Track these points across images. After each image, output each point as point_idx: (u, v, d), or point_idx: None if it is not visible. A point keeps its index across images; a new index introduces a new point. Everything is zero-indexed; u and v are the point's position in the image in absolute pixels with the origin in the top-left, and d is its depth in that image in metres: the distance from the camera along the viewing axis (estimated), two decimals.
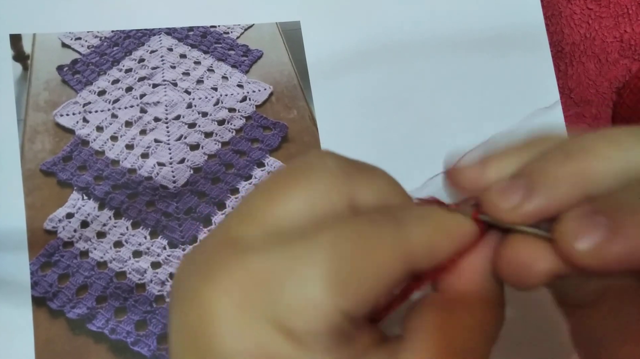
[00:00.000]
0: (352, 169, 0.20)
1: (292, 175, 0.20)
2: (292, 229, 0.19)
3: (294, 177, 0.19)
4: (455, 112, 0.44)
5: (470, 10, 0.46)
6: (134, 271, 0.37)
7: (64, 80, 0.40)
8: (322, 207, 0.19)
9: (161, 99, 0.41)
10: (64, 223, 0.37)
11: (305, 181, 0.19)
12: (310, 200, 0.19)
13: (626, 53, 0.48)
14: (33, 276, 0.36)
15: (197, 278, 0.18)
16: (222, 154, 0.41)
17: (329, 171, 0.20)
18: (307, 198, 0.19)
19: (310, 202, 0.19)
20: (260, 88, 0.43)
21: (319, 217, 0.19)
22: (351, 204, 0.20)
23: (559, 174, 0.20)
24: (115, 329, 0.36)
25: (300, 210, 0.19)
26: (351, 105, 0.43)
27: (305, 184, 0.19)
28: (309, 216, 0.19)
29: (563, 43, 0.48)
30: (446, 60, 0.45)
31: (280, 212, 0.19)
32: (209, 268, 0.18)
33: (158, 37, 0.42)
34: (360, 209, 0.20)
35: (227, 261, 0.18)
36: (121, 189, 0.39)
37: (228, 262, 0.18)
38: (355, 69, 0.44)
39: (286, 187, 0.19)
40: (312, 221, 0.19)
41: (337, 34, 0.44)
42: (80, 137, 0.39)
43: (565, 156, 0.20)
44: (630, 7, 0.48)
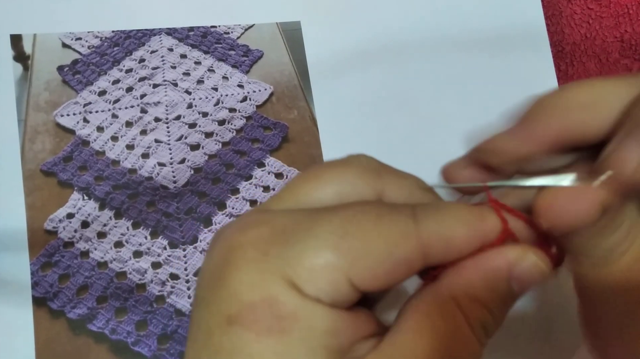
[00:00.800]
0: (384, 169, 0.22)
1: (328, 165, 0.22)
2: (319, 206, 0.20)
3: (329, 167, 0.21)
4: (455, 112, 0.44)
5: (470, 10, 0.46)
6: (134, 271, 0.37)
7: (65, 80, 0.40)
8: (350, 195, 0.21)
9: (162, 99, 0.41)
10: (64, 223, 0.38)
11: (338, 171, 0.21)
12: (339, 187, 0.21)
13: (627, 53, 0.48)
14: (33, 276, 0.36)
15: (230, 229, 0.20)
16: (222, 154, 0.41)
17: (361, 165, 0.21)
18: (337, 185, 0.21)
19: (339, 189, 0.21)
20: (260, 88, 0.43)
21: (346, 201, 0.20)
22: (379, 199, 0.21)
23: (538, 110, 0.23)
24: (115, 329, 0.36)
25: (329, 194, 0.21)
26: (351, 105, 0.43)
27: (337, 173, 0.21)
28: (337, 201, 0.20)
29: (563, 43, 0.48)
30: (446, 60, 0.45)
31: (311, 192, 0.21)
32: (241, 222, 0.20)
33: (158, 37, 0.43)
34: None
35: (257, 217, 0.20)
36: (122, 190, 0.39)
37: (257, 218, 0.20)
38: (355, 69, 0.44)
39: (320, 173, 0.21)
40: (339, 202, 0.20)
41: (337, 34, 0.44)
42: (80, 138, 0.39)
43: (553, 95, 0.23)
44: (630, 7, 0.48)
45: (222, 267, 0.19)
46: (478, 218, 0.21)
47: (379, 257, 0.19)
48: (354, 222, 0.19)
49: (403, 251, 0.19)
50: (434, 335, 0.19)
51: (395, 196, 0.22)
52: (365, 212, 0.19)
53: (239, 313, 0.18)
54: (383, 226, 0.19)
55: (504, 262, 0.21)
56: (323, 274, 0.18)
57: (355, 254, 0.19)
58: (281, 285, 0.18)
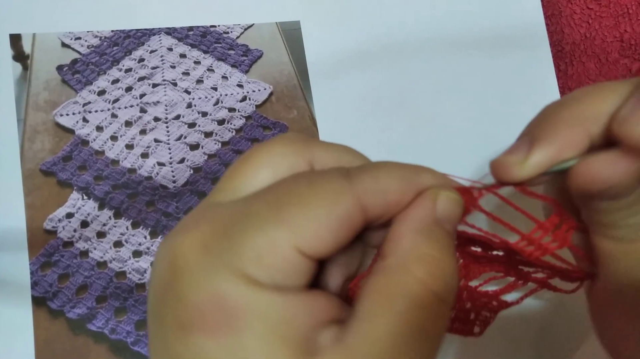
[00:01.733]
0: (312, 140, 0.22)
1: (258, 145, 0.22)
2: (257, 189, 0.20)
3: (259, 146, 0.21)
4: (455, 112, 0.44)
5: (470, 10, 0.46)
6: (134, 271, 0.37)
7: (64, 80, 0.40)
8: (283, 169, 0.21)
9: (161, 99, 0.41)
10: (63, 223, 0.37)
11: (267, 148, 0.21)
12: (272, 165, 0.21)
13: (626, 53, 0.48)
14: (33, 276, 0.36)
15: (170, 235, 0.20)
16: (222, 153, 0.41)
17: (287, 139, 0.22)
18: (269, 163, 0.21)
19: (272, 167, 0.21)
20: (260, 88, 0.43)
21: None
22: (312, 168, 0.21)
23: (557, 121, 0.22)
24: (115, 329, 0.36)
25: (264, 174, 0.21)
26: (351, 105, 0.43)
27: (267, 151, 0.21)
28: (272, 179, 0.21)
29: (563, 43, 0.48)
30: (446, 60, 0.45)
31: (246, 176, 0.21)
32: (180, 225, 0.20)
33: (158, 36, 0.42)
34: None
35: (195, 216, 0.20)
36: (121, 189, 0.39)
37: (195, 218, 0.20)
38: (355, 69, 0.44)
39: (252, 155, 0.21)
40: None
41: (337, 34, 0.44)
42: (80, 137, 0.39)
43: (560, 105, 0.22)
44: (630, 7, 0.48)
45: (168, 275, 0.19)
46: (413, 172, 0.21)
47: (320, 218, 0.19)
48: (287, 192, 0.19)
49: (342, 207, 0.19)
50: (395, 313, 0.19)
51: (325, 162, 0.22)
52: (297, 181, 0.20)
53: (189, 318, 0.18)
54: (317, 189, 0.19)
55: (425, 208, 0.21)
56: (270, 252, 0.18)
57: (296, 221, 0.18)
58: (226, 279, 0.18)
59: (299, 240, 0.18)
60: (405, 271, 0.19)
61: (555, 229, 0.22)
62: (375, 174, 0.20)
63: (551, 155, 0.22)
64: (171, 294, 0.18)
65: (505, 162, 0.22)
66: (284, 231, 0.18)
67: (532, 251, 0.22)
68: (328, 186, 0.19)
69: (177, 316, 0.18)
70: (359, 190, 0.20)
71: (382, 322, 0.18)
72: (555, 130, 0.22)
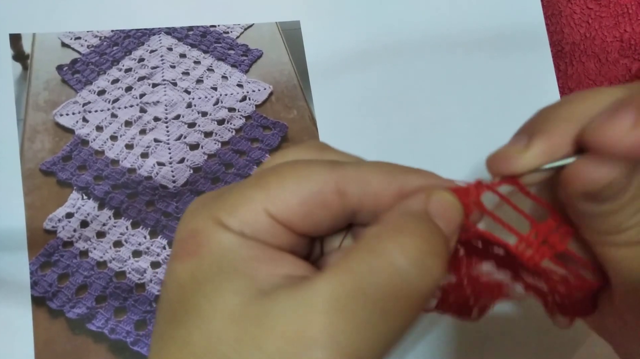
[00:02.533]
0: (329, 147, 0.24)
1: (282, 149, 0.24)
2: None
3: (279, 151, 0.24)
4: (455, 112, 0.44)
5: (470, 10, 0.46)
6: (133, 271, 0.37)
7: (64, 79, 0.40)
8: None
9: (161, 99, 0.41)
10: (63, 223, 0.37)
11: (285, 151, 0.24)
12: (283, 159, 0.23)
13: (626, 53, 0.48)
14: (33, 276, 0.36)
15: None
16: (221, 153, 0.41)
17: (305, 144, 0.24)
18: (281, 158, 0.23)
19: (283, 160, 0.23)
20: (260, 88, 0.43)
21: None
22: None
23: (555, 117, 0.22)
24: (114, 329, 0.36)
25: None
26: (351, 105, 0.43)
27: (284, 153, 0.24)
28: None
29: (563, 43, 0.48)
30: (446, 60, 0.45)
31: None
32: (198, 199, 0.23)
33: (158, 36, 0.42)
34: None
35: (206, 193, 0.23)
36: (121, 189, 0.39)
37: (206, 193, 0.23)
38: (355, 69, 0.44)
39: (273, 157, 0.24)
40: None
41: (337, 34, 0.44)
42: (80, 137, 0.39)
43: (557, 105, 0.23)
44: (630, 7, 0.48)
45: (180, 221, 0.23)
46: (399, 169, 0.22)
47: (293, 189, 0.21)
48: (274, 169, 0.22)
49: (315, 184, 0.21)
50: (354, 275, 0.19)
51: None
52: (285, 163, 0.22)
53: (175, 250, 0.21)
54: (299, 168, 0.21)
55: (420, 197, 0.21)
56: (243, 207, 0.21)
57: (271, 188, 0.21)
58: (205, 221, 0.21)
59: (269, 203, 0.21)
60: (377, 242, 0.20)
61: (552, 232, 0.22)
62: (359, 166, 0.22)
63: (550, 146, 0.22)
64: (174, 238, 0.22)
65: (504, 153, 0.22)
66: (258, 193, 0.21)
67: (531, 254, 0.22)
68: (309, 168, 0.21)
69: (171, 254, 0.22)
70: (338, 176, 0.21)
71: (339, 283, 0.19)
72: (553, 124, 0.22)
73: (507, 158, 0.22)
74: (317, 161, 0.22)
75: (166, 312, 0.21)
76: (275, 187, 0.21)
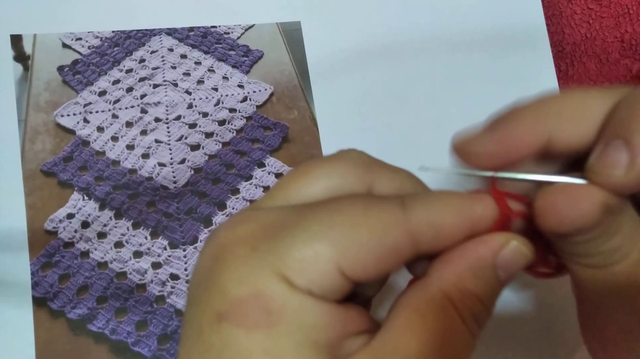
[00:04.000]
0: (375, 163, 0.22)
1: (319, 160, 0.22)
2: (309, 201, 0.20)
3: (319, 162, 0.22)
4: (455, 112, 0.44)
5: (470, 10, 0.46)
6: (134, 272, 0.37)
7: (65, 80, 0.40)
8: (340, 190, 0.21)
9: (162, 100, 0.41)
10: (64, 224, 0.38)
11: (328, 165, 0.21)
12: (329, 182, 0.21)
13: (627, 53, 0.48)
14: (34, 277, 0.36)
15: (220, 228, 0.20)
16: (222, 154, 0.41)
17: (351, 159, 0.21)
18: (326, 180, 0.21)
19: (329, 184, 0.21)
20: (260, 88, 0.43)
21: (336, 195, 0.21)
22: (369, 192, 0.21)
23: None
24: (115, 329, 0.36)
25: (319, 189, 0.21)
26: (351, 105, 0.43)
27: (327, 168, 0.21)
28: (327, 195, 0.21)
29: (564, 43, 0.48)
30: (446, 60, 0.45)
31: (301, 188, 0.21)
32: (231, 220, 0.21)
33: (159, 37, 0.43)
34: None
35: (247, 215, 0.20)
36: (122, 190, 0.39)
37: (247, 216, 0.20)
38: (355, 69, 0.44)
39: (310, 169, 0.21)
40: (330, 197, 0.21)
41: (337, 34, 0.44)
42: (80, 138, 0.39)
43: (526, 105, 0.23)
44: (631, 7, 0.48)
45: (213, 265, 0.19)
46: (468, 205, 0.21)
47: (368, 245, 0.19)
48: (342, 212, 0.19)
49: (392, 239, 0.19)
50: (427, 332, 0.19)
51: (385, 189, 0.22)
52: (353, 203, 0.20)
53: (228, 309, 0.18)
54: (371, 215, 0.19)
55: (488, 250, 0.21)
56: (313, 265, 0.19)
57: (344, 243, 0.19)
58: (270, 279, 0.18)
59: (343, 262, 0.19)
60: (446, 300, 0.20)
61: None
62: (429, 206, 0.20)
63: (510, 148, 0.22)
64: (212, 284, 0.19)
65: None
66: (331, 250, 0.19)
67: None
68: (382, 215, 0.19)
69: (216, 306, 0.19)
70: (412, 221, 0.20)
71: (410, 336, 0.19)
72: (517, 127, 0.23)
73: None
74: (386, 201, 0.20)
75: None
76: (350, 242, 0.19)
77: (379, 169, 0.22)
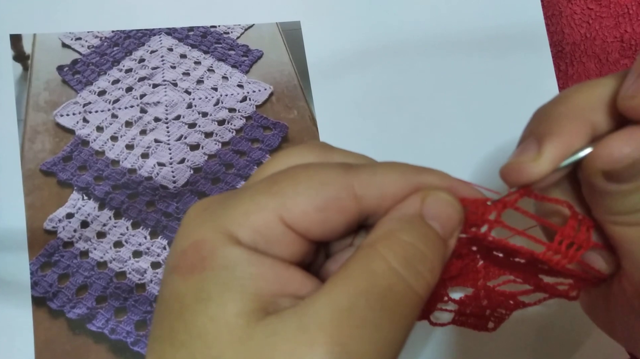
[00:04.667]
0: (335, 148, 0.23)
1: (283, 150, 0.23)
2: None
3: (285, 150, 0.23)
4: (455, 112, 0.44)
5: (470, 10, 0.46)
6: (134, 271, 0.37)
7: (64, 80, 0.40)
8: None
9: (161, 99, 0.41)
10: (64, 223, 0.38)
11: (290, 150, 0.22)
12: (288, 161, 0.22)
13: (627, 53, 0.48)
14: (33, 276, 0.36)
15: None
16: (222, 154, 0.41)
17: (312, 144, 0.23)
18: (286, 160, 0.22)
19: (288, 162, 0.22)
20: (260, 88, 0.43)
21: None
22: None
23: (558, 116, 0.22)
24: (115, 329, 0.36)
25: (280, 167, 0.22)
26: (351, 105, 0.43)
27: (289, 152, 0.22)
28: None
29: (563, 43, 0.48)
30: (446, 60, 0.45)
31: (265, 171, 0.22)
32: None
33: (158, 37, 0.42)
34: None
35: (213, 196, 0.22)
36: (121, 189, 0.39)
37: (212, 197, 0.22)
38: (355, 69, 0.44)
39: (276, 156, 0.23)
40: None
41: (337, 34, 0.44)
42: (80, 137, 0.39)
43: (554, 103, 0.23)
44: (630, 7, 0.48)
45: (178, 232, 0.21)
46: (414, 171, 0.21)
47: (307, 193, 0.20)
48: (285, 173, 0.20)
49: (332, 189, 0.20)
50: (355, 285, 0.19)
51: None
52: (297, 167, 0.21)
53: (175, 261, 0.20)
54: (312, 172, 0.20)
55: (413, 200, 0.21)
56: (256, 216, 0.20)
57: (284, 194, 0.20)
58: (211, 230, 0.20)
59: (284, 211, 0.20)
60: (371, 249, 0.20)
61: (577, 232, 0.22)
62: (374, 169, 0.21)
63: (563, 146, 0.22)
64: (172, 244, 0.21)
65: (517, 164, 0.22)
66: (271, 200, 0.20)
67: (559, 259, 0.22)
68: (323, 172, 0.20)
69: (170, 262, 0.20)
70: (354, 180, 0.20)
71: (340, 291, 0.19)
72: (559, 123, 0.22)
73: (521, 169, 0.22)
74: (330, 164, 0.21)
75: (164, 328, 0.19)
76: (290, 193, 0.20)
77: (335, 151, 0.23)
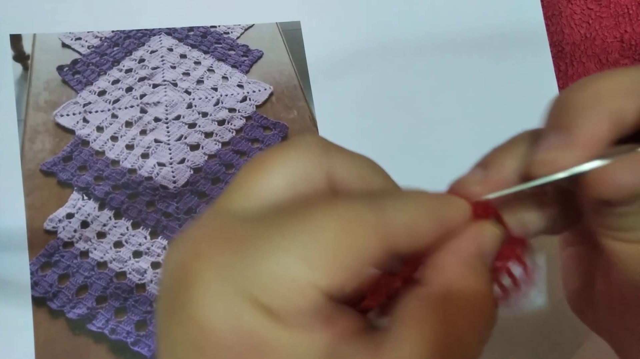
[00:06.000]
0: (332, 147, 0.21)
1: (273, 150, 0.20)
2: (274, 202, 0.19)
3: (275, 152, 0.20)
4: (455, 112, 0.44)
5: (470, 10, 0.46)
6: (134, 271, 0.37)
7: (64, 80, 0.40)
8: (300, 181, 0.20)
9: (161, 99, 0.41)
10: (64, 223, 0.38)
11: (284, 155, 0.20)
12: (288, 174, 0.20)
13: (627, 53, 0.48)
14: (33, 276, 0.36)
15: (182, 240, 0.19)
16: (222, 154, 0.41)
17: (307, 146, 0.20)
18: (285, 172, 0.20)
19: (288, 176, 0.20)
20: (260, 88, 0.43)
21: (298, 191, 0.20)
22: (330, 180, 0.20)
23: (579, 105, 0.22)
24: (115, 329, 0.36)
25: (279, 183, 0.20)
26: (351, 105, 0.43)
27: (283, 158, 0.20)
28: (289, 188, 0.20)
29: (563, 43, 0.48)
30: (446, 60, 0.45)
31: (260, 184, 0.20)
32: (193, 234, 0.19)
33: (158, 37, 0.42)
34: (339, 189, 0.20)
35: (208, 226, 0.19)
36: (121, 189, 0.39)
37: (209, 228, 0.19)
38: (355, 69, 0.44)
39: (266, 161, 0.20)
40: (292, 194, 0.19)
41: (337, 34, 0.44)
42: (80, 138, 0.39)
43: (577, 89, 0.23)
44: (630, 7, 0.48)
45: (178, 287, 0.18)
46: (440, 204, 0.21)
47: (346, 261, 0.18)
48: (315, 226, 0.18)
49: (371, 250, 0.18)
50: (432, 340, 0.18)
51: (346, 177, 0.21)
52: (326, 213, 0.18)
53: (208, 343, 0.17)
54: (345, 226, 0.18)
55: (471, 241, 0.21)
56: (286, 288, 0.17)
57: (321, 263, 0.17)
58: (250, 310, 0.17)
59: (321, 282, 0.17)
60: (448, 303, 0.19)
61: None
62: (402, 207, 0.19)
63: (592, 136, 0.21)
64: (182, 310, 0.18)
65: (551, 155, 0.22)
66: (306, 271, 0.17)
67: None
68: (357, 229, 0.18)
69: (191, 337, 0.17)
70: (385, 227, 0.19)
71: (418, 348, 0.18)
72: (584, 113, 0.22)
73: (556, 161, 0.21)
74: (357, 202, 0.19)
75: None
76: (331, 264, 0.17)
77: (337, 154, 0.21)
